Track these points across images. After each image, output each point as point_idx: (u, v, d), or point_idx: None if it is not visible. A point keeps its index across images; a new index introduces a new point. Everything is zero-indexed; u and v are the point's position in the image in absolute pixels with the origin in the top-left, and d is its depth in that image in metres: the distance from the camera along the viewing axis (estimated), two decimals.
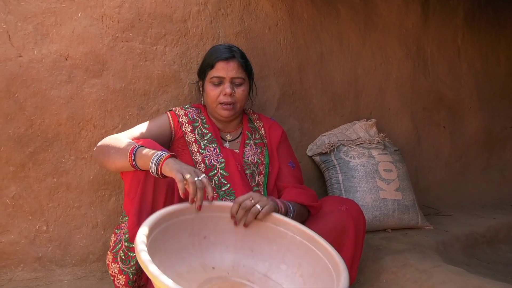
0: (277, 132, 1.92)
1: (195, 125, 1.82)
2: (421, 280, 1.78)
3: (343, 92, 2.73)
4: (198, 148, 1.78)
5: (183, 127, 1.81)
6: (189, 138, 1.80)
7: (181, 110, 1.87)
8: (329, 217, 1.66)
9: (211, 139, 1.81)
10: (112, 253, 1.52)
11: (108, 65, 2.01)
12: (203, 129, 1.83)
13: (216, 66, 1.80)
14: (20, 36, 1.87)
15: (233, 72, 1.79)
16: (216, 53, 1.83)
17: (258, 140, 1.89)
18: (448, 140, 3.25)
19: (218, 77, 1.79)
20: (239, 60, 1.82)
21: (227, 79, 1.79)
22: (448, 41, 3.30)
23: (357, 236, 1.65)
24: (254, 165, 1.81)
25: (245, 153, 1.83)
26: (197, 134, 1.81)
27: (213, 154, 1.77)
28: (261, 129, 1.93)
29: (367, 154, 2.43)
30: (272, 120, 1.99)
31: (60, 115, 1.94)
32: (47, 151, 1.93)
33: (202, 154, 1.77)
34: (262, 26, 2.39)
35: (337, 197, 1.82)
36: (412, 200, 2.41)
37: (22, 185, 1.90)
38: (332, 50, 2.68)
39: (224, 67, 1.79)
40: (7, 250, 1.89)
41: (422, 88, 3.11)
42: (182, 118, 1.83)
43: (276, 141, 1.90)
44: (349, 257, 1.63)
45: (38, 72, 1.90)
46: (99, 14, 1.99)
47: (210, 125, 1.85)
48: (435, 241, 2.24)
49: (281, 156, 1.88)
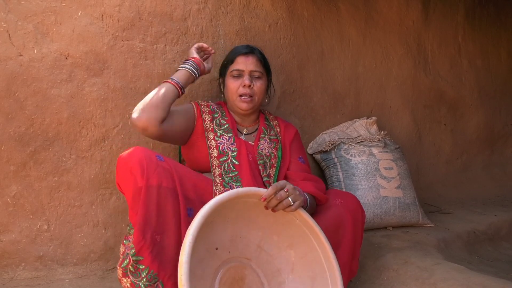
0: (291, 131, 2.01)
1: (214, 116, 1.90)
2: (422, 278, 1.78)
3: (344, 90, 2.72)
4: (214, 136, 1.84)
5: (203, 115, 1.88)
6: (207, 125, 1.86)
7: (203, 101, 1.96)
8: (326, 212, 1.68)
9: (228, 129, 1.88)
10: (122, 268, 1.48)
11: (109, 64, 2.01)
12: (221, 120, 1.90)
13: (236, 60, 1.90)
14: (21, 35, 1.87)
15: (252, 66, 1.88)
16: (236, 50, 1.95)
17: (272, 136, 1.95)
18: (449, 138, 3.25)
19: (237, 70, 1.89)
20: (258, 55, 1.92)
21: (246, 71, 1.88)
22: (449, 38, 3.29)
23: (355, 228, 1.66)
24: (267, 157, 1.87)
25: (260, 145, 1.89)
26: (215, 123, 1.88)
27: (227, 142, 1.84)
28: (277, 127, 2.00)
29: (367, 152, 2.42)
30: (287, 122, 2.07)
31: (61, 114, 1.94)
32: (48, 150, 1.93)
33: (217, 141, 1.83)
34: (262, 25, 2.39)
35: (334, 190, 1.82)
36: (413, 197, 2.41)
37: (23, 184, 1.90)
38: (332, 48, 2.68)
39: (243, 60, 1.89)
40: (8, 249, 1.89)
41: (422, 86, 3.10)
42: (204, 108, 1.91)
43: (289, 138, 1.97)
44: (349, 250, 1.64)
45: (38, 71, 1.90)
46: (99, 13, 1.99)
47: (229, 117, 1.93)
48: (436, 239, 2.24)
49: (292, 151, 1.94)
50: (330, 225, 1.64)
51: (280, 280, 1.50)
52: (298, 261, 1.51)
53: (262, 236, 1.51)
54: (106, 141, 2.02)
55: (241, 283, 1.44)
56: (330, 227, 1.63)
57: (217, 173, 1.76)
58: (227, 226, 1.46)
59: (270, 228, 1.52)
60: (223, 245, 1.45)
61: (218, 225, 1.44)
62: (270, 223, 1.53)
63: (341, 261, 1.61)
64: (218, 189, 1.70)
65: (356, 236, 1.67)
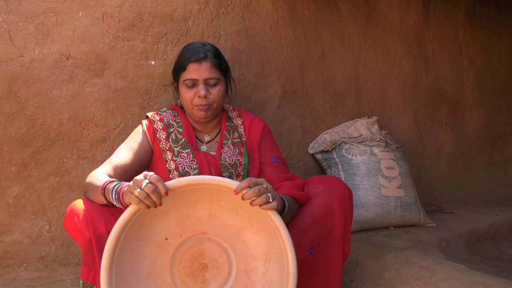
0: (258, 128, 1.84)
1: (169, 131, 1.78)
2: (424, 277, 1.78)
3: (345, 89, 2.72)
4: (172, 156, 1.74)
5: (158, 133, 1.76)
6: (163, 145, 1.75)
7: (156, 115, 1.81)
8: (310, 202, 1.59)
9: (185, 144, 1.76)
10: None
11: (109, 64, 2.01)
12: (177, 135, 1.78)
13: (188, 68, 1.73)
14: (22, 36, 1.88)
15: (206, 73, 1.72)
16: (188, 54, 1.76)
17: (236, 139, 1.82)
18: (450, 137, 3.25)
19: (191, 79, 1.72)
20: (212, 59, 1.74)
21: (201, 80, 1.72)
22: (450, 38, 3.29)
23: (343, 212, 1.57)
24: (232, 167, 1.76)
25: (222, 154, 1.77)
26: (171, 140, 1.76)
27: (186, 161, 1.73)
28: (240, 127, 1.85)
29: (369, 152, 2.42)
30: (253, 115, 1.90)
31: (62, 114, 1.94)
32: (49, 151, 1.93)
33: (176, 161, 1.72)
34: (263, 25, 2.39)
35: (315, 177, 1.70)
36: (414, 197, 2.41)
37: (25, 185, 1.91)
38: (333, 47, 2.68)
39: (196, 68, 1.71)
40: (10, 250, 1.89)
41: (423, 85, 3.10)
42: (157, 124, 1.78)
43: (257, 137, 1.82)
44: (339, 235, 1.57)
45: (39, 72, 1.90)
46: (100, 14, 1.99)
47: (185, 129, 1.80)
48: (438, 238, 2.24)
49: (263, 153, 1.81)
50: (317, 215, 1.56)
51: (243, 239, 1.43)
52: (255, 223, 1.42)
53: (209, 206, 1.41)
54: (107, 141, 2.02)
55: (201, 259, 1.41)
56: (317, 217, 1.56)
57: None
58: (168, 214, 1.39)
59: (216, 197, 1.40)
60: (172, 232, 1.40)
61: (159, 218, 1.39)
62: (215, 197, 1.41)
63: (333, 247, 1.57)
64: None
65: (346, 219, 1.59)
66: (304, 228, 1.60)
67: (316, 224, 1.58)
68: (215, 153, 1.79)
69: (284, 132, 2.46)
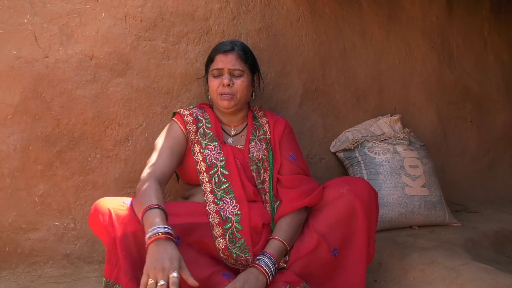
0: (281, 126, 1.90)
1: (198, 125, 1.82)
2: (449, 278, 1.74)
3: (367, 87, 2.69)
4: (200, 148, 1.77)
5: (188, 125, 1.81)
6: (192, 138, 1.79)
7: (185, 110, 1.86)
8: (334, 204, 1.63)
9: (212, 137, 1.80)
10: None
11: (132, 64, 2.03)
12: (205, 129, 1.83)
13: (215, 59, 1.83)
14: (46, 37, 1.91)
15: (231, 64, 1.80)
16: (217, 48, 1.88)
17: (262, 136, 1.87)
18: (475, 134, 3.18)
19: (217, 69, 1.81)
20: (238, 52, 1.83)
21: (225, 70, 1.80)
22: (474, 33, 3.22)
23: (368, 213, 1.61)
24: (259, 161, 1.80)
25: (250, 148, 1.82)
26: (200, 134, 1.81)
27: (213, 153, 1.77)
28: (266, 126, 1.91)
29: (392, 150, 2.39)
30: (278, 116, 1.96)
31: (86, 114, 1.97)
32: (74, 150, 1.96)
33: (203, 153, 1.76)
34: (283, 23, 2.38)
35: (340, 178, 1.75)
36: (439, 196, 2.36)
37: (50, 183, 1.94)
38: (355, 45, 2.65)
39: (222, 59, 1.81)
40: (36, 247, 1.93)
41: (447, 82, 3.04)
42: (187, 117, 1.83)
43: (278, 135, 1.88)
44: (364, 236, 1.60)
45: (64, 72, 1.93)
46: (122, 14, 2.01)
47: (213, 124, 1.85)
48: (463, 238, 2.19)
49: (282, 149, 1.85)
50: (341, 216, 1.60)
51: None
52: None
53: None
54: (130, 140, 2.04)
55: None
56: (341, 219, 1.60)
57: (208, 190, 1.70)
58: None
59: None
60: None
61: None
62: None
63: (357, 249, 1.59)
64: (212, 208, 1.66)
65: (370, 220, 1.62)
66: (328, 230, 1.61)
67: (339, 226, 1.58)
68: (242, 146, 1.83)
69: (306, 130, 2.45)
